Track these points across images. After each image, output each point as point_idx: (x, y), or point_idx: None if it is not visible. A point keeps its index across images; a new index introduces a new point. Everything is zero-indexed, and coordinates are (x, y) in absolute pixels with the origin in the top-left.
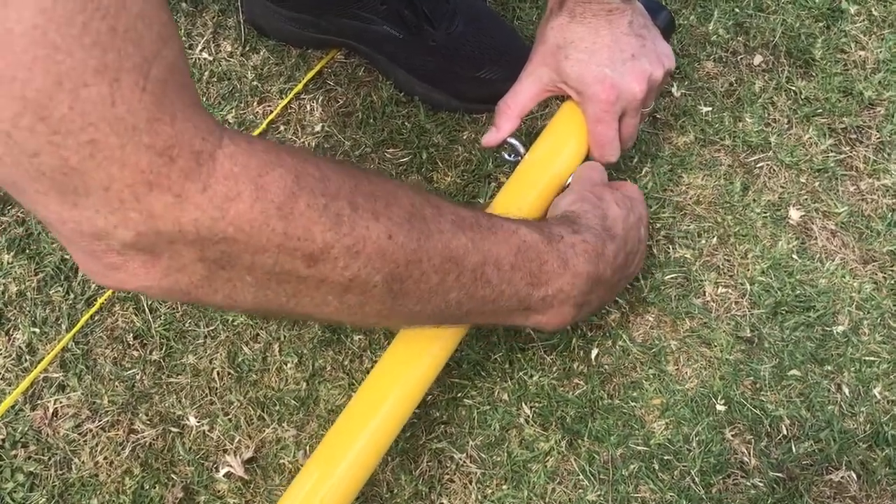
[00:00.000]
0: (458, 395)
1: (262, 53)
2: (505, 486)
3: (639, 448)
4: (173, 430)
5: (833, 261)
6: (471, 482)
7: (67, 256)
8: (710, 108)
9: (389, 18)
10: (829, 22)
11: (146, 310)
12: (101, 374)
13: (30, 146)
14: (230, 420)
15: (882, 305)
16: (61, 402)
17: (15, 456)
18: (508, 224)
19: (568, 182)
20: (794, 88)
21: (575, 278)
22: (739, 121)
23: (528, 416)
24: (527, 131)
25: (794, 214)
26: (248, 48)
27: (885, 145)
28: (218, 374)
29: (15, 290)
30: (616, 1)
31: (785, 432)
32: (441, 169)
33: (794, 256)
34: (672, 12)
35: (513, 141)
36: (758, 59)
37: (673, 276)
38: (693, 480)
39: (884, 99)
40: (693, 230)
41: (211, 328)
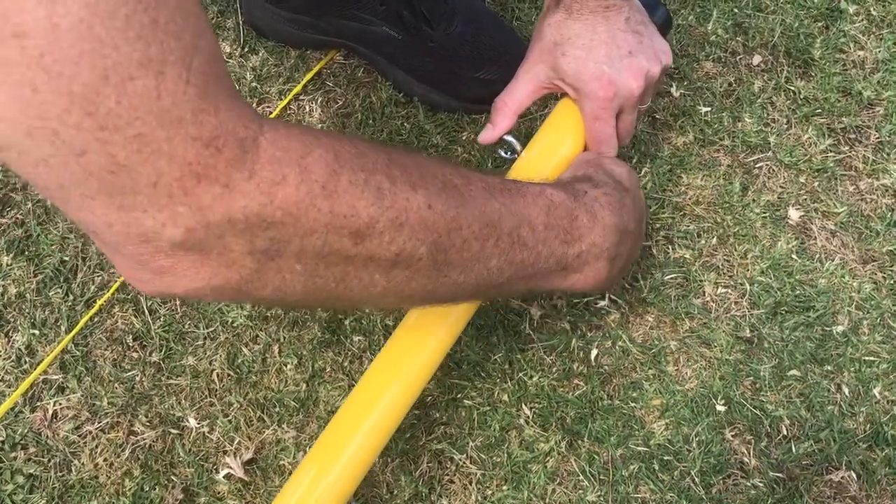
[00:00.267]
0: (458, 395)
1: (260, 54)
2: (505, 487)
3: (639, 448)
4: (173, 431)
5: (832, 261)
6: (471, 483)
7: (67, 258)
8: (709, 109)
9: (388, 19)
10: (828, 22)
11: (146, 311)
12: (100, 376)
13: (77, 144)
14: (230, 421)
15: (881, 305)
16: (61, 404)
17: (15, 458)
18: (534, 186)
19: None
20: (793, 88)
21: (605, 230)
22: (738, 121)
23: (528, 417)
24: (526, 132)
25: (794, 214)
26: (246, 49)
27: (884, 145)
28: (218, 376)
29: (14, 291)
30: None
31: (785, 432)
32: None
33: (794, 256)
34: (669, 9)
35: (509, 138)
36: (757, 60)
37: (672, 276)
38: (693, 481)
39: (883, 99)
40: (692, 230)
41: (210, 329)
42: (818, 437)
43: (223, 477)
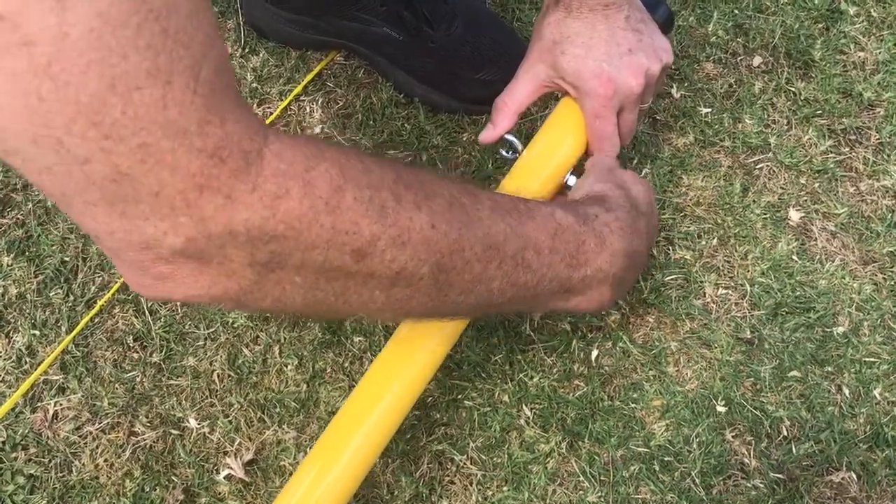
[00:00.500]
0: (459, 396)
1: (261, 55)
2: (505, 488)
3: (639, 449)
4: (174, 432)
5: (833, 262)
6: (471, 484)
7: (67, 258)
8: (709, 110)
9: (389, 20)
10: (829, 23)
11: (146, 312)
12: (101, 377)
13: (81, 153)
14: (230, 422)
15: (882, 307)
16: (61, 405)
17: (15, 458)
18: (545, 208)
19: (566, 180)
20: (793, 90)
21: (613, 256)
22: (739, 122)
23: (529, 418)
24: (526, 133)
25: (794, 215)
26: (247, 50)
27: (884, 146)
28: (218, 376)
29: (15, 292)
30: None
31: (785, 433)
32: (441, 170)
33: (794, 258)
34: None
35: (510, 138)
36: (757, 61)
37: (673, 277)
38: (693, 482)
39: (883, 100)
40: (693, 231)
41: (211, 330)
42: (818, 438)
43: (224, 477)
